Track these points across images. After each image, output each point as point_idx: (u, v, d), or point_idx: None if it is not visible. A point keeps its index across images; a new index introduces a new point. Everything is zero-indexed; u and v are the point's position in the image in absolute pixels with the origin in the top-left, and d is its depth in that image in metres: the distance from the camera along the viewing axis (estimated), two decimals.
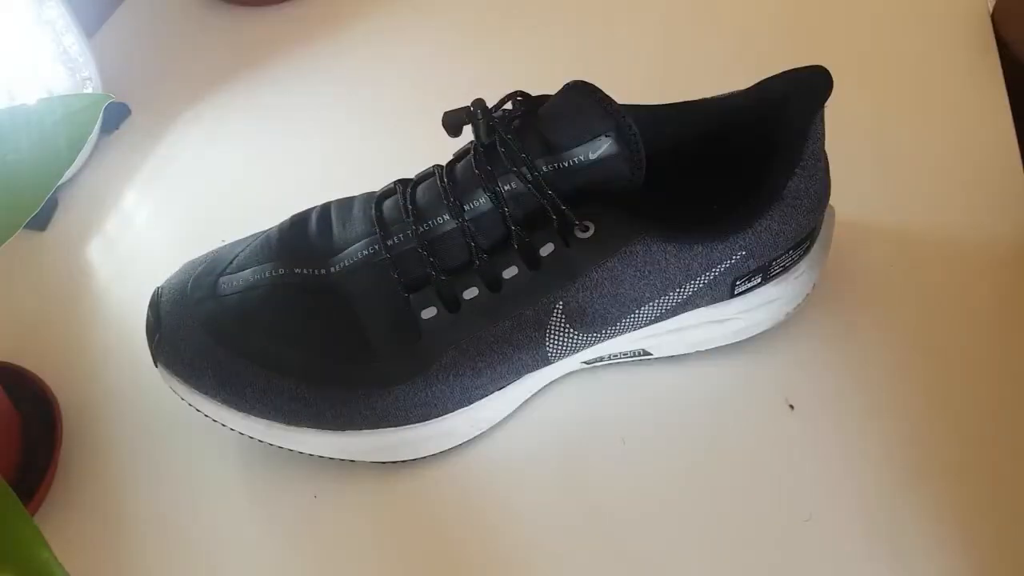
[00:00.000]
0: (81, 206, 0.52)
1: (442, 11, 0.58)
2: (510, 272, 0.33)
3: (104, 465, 0.39)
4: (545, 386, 0.38)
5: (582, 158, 0.32)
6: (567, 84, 0.33)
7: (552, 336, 0.34)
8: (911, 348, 0.37)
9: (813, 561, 0.32)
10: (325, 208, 0.37)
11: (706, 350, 0.37)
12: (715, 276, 0.34)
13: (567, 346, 0.35)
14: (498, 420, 0.37)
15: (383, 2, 0.60)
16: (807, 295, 0.37)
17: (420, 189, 0.35)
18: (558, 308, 0.33)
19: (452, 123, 0.34)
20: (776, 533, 0.33)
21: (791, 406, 0.36)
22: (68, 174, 0.52)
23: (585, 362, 0.37)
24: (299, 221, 0.37)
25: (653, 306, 0.34)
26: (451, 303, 0.33)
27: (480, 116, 0.33)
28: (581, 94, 0.32)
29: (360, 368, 0.34)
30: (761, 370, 0.37)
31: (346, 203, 0.37)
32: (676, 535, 0.33)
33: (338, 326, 0.34)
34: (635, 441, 0.36)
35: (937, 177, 0.42)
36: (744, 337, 0.37)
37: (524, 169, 0.32)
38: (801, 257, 0.36)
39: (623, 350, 0.37)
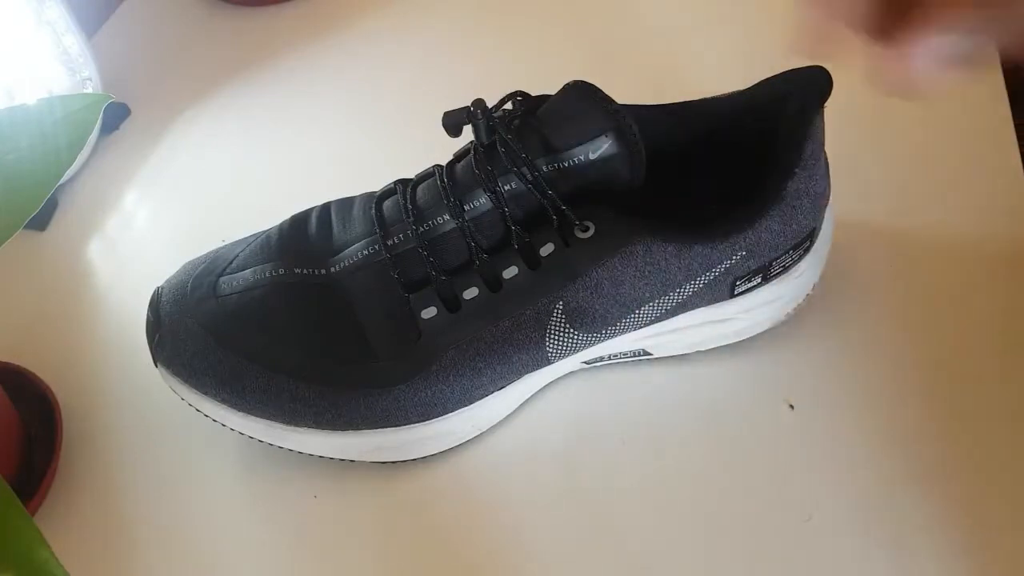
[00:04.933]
0: (81, 206, 0.52)
1: (442, 11, 0.58)
2: (510, 272, 0.33)
3: (104, 465, 0.39)
4: (545, 386, 0.38)
5: (582, 158, 0.32)
6: (567, 84, 0.33)
7: (552, 336, 0.34)
8: (911, 348, 0.37)
9: (813, 561, 0.32)
10: (325, 208, 0.37)
11: (706, 350, 0.37)
12: (715, 276, 0.34)
13: (567, 346, 0.35)
14: (498, 420, 0.37)
15: (383, 2, 0.60)
16: (807, 295, 0.37)
17: (420, 189, 0.35)
18: (558, 308, 0.33)
19: (452, 123, 0.34)
20: (776, 533, 0.33)
21: (791, 406, 0.36)
22: (68, 174, 0.52)
23: (585, 362, 0.37)
24: (299, 221, 0.37)
25: (653, 306, 0.34)
26: (451, 303, 0.33)
27: (480, 116, 0.33)
28: (581, 94, 0.32)
29: (360, 368, 0.34)
30: (761, 370, 0.37)
31: (346, 203, 0.37)
32: (676, 535, 0.33)
33: (338, 326, 0.34)
34: (635, 441, 0.36)
35: (937, 177, 0.42)
36: (744, 337, 0.37)
37: (524, 169, 0.32)
38: (801, 257, 0.36)
39: (623, 350, 0.37)
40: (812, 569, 0.32)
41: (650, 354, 0.37)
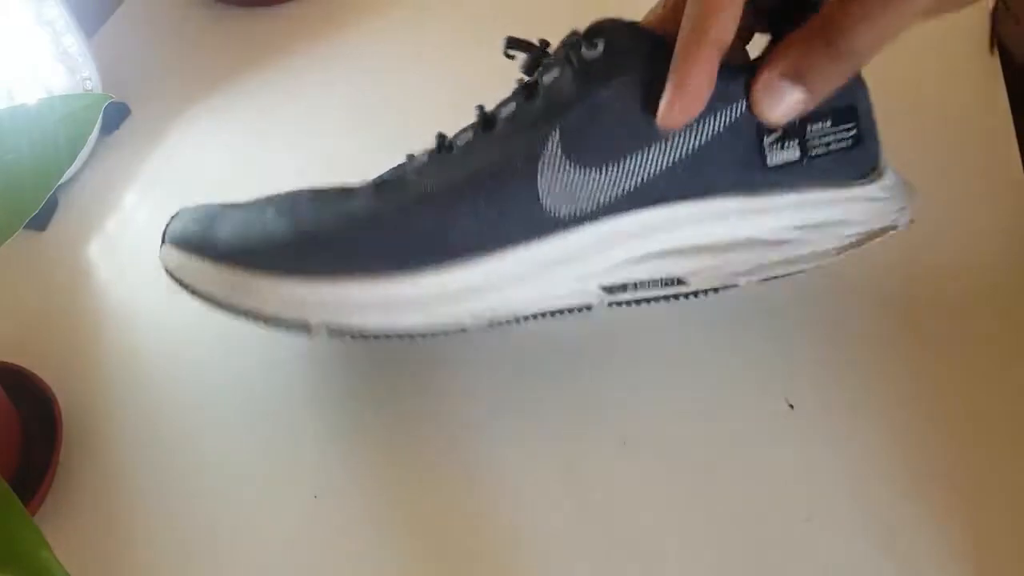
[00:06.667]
0: (81, 206, 0.52)
1: (443, 10, 0.58)
2: (507, 109, 0.32)
3: (104, 465, 0.39)
4: (543, 384, 0.38)
5: None
6: None
7: (545, 170, 0.31)
8: (911, 348, 0.37)
9: (813, 561, 0.32)
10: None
11: (705, 351, 0.37)
12: (736, 117, 0.30)
13: (563, 184, 0.31)
14: (482, 319, 0.33)
15: (383, 2, 0.60)
16: (873, 232, 0.34)
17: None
18: (554, 137, 0.31)
19: (514, 48, 0.34)
20: (776, 533, 0.33)
21: (791, 406, 0.36)
22: (68, 174, 0.52)
23: (605, 288, 0.33)
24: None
25: (665, 147, 0.31)
26: (443, 148, 0.34)
27: (541, 55, 0.33)
28: None
29: (337, 202, 0.35)
30: (761, 370, 0.37)
31: None
32: (676, 535, 0.33)
33: (334, 191, 0.36)
34: (636, 441, 0.36)
35: (936, 178, 0.42)
36: (795, 269, 0.33)
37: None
38: (849, 140, 0.32)
39: (652, 277, 0.33)
40: (812, 569, 0.32)
41: (685, 283, 0.33)
